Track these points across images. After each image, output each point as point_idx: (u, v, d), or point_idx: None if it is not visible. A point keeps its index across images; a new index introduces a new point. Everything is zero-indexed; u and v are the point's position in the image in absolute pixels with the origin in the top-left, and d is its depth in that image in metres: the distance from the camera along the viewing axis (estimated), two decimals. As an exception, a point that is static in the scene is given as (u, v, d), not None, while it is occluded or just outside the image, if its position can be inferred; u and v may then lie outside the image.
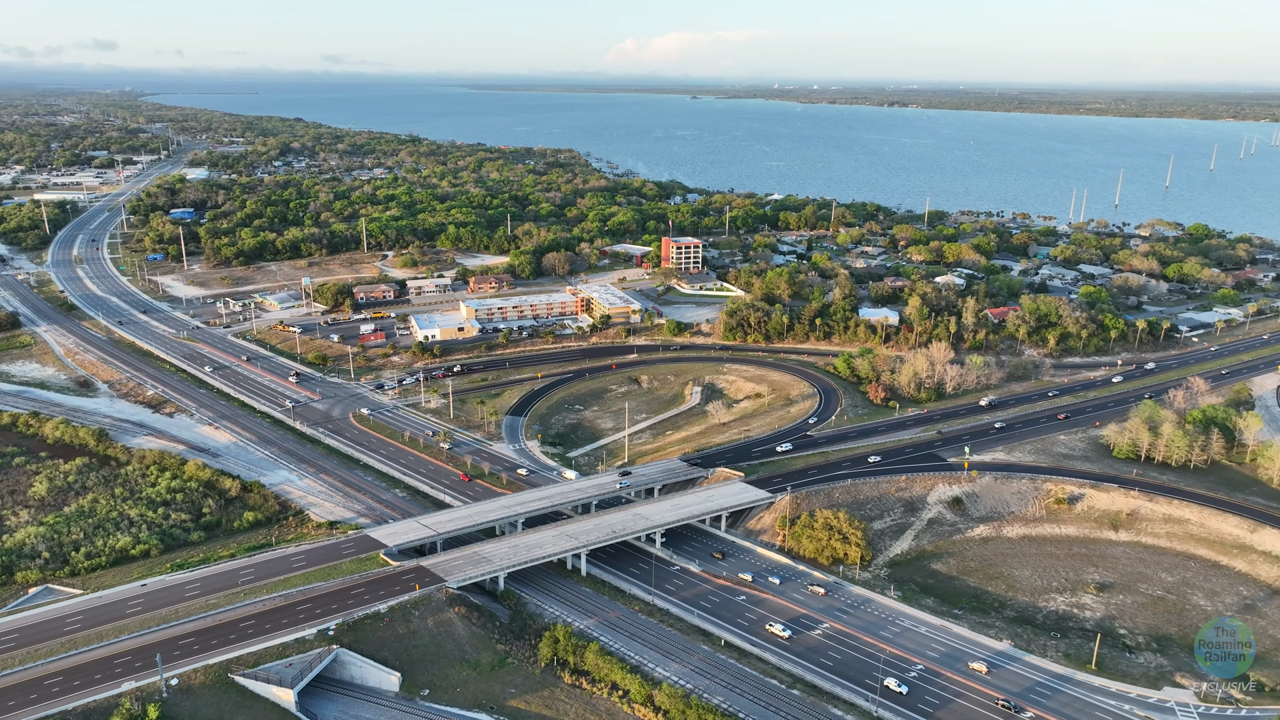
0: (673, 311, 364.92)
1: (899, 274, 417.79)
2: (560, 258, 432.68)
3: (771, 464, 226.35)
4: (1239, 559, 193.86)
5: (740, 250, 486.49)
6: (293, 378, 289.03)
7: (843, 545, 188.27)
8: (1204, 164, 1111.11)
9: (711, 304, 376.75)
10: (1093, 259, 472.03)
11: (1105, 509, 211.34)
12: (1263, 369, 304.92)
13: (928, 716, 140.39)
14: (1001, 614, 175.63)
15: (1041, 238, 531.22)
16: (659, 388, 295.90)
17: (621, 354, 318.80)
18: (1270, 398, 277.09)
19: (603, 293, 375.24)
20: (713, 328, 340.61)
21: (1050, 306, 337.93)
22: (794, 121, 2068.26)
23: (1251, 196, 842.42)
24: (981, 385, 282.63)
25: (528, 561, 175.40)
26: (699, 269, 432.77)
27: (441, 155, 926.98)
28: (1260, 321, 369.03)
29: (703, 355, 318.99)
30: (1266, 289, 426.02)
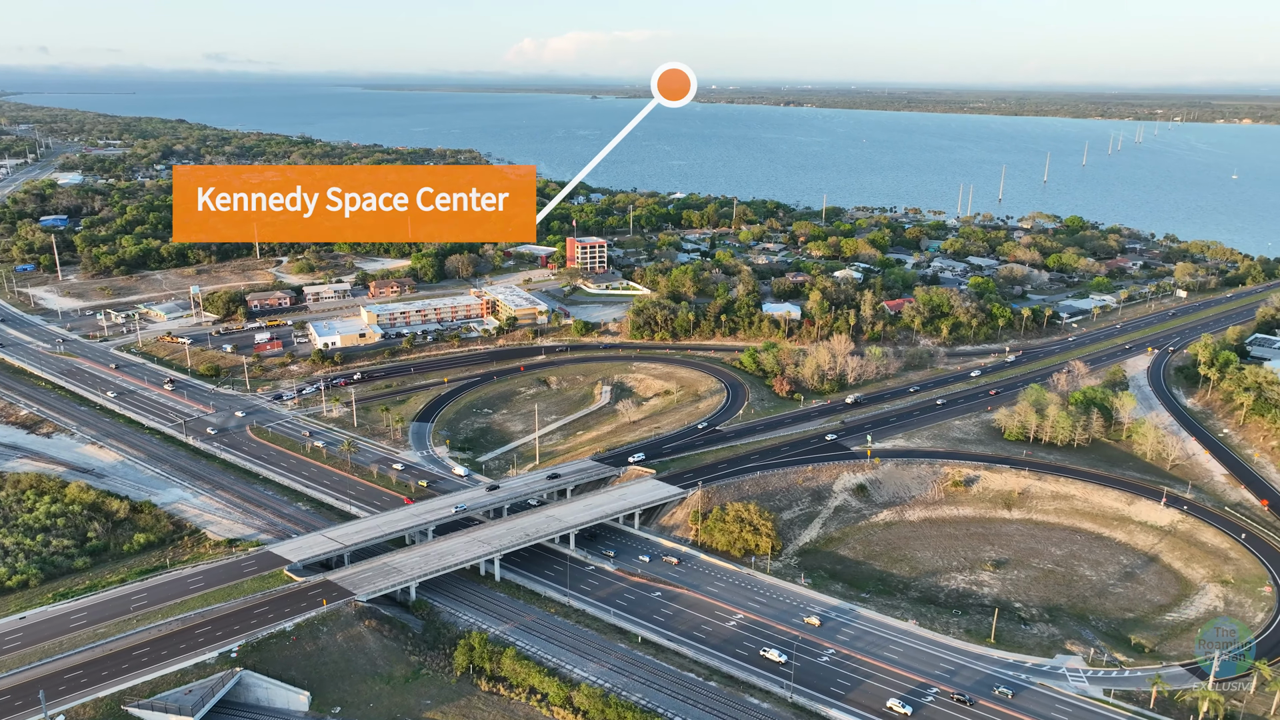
0: (579, 311, 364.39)
1: (800, 269, 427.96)
2: (464, 260, 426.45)
3: (682, 460, 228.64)
4: (1119, 530, 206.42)
5: (645, 249, 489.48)
6: (168, 385, 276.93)
7: (754, 536, 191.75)
8: (1077, 160, 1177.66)
9: (618, 303, 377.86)
10: (980, 251, 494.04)
11: (999, 489, 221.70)
12: (1134, 351, 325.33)
13: (839, 698, 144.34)
14: (906, 595, 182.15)
15: (932, 231, 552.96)
16: (568, 388, 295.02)
17: (529, 355, 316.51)
18: (1142, 377, 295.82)
19: (508, 294, 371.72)
20: (620, 327, 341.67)
21: (942, 297, 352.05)
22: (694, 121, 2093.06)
23: (1120, 190, 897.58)
24: (881, 375, 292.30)
25: (440, 570, 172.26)
26: (604, 268, 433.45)
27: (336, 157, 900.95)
28: (1131, 307, 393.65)
29: (611, 354, 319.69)
30: (1135, 276, 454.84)
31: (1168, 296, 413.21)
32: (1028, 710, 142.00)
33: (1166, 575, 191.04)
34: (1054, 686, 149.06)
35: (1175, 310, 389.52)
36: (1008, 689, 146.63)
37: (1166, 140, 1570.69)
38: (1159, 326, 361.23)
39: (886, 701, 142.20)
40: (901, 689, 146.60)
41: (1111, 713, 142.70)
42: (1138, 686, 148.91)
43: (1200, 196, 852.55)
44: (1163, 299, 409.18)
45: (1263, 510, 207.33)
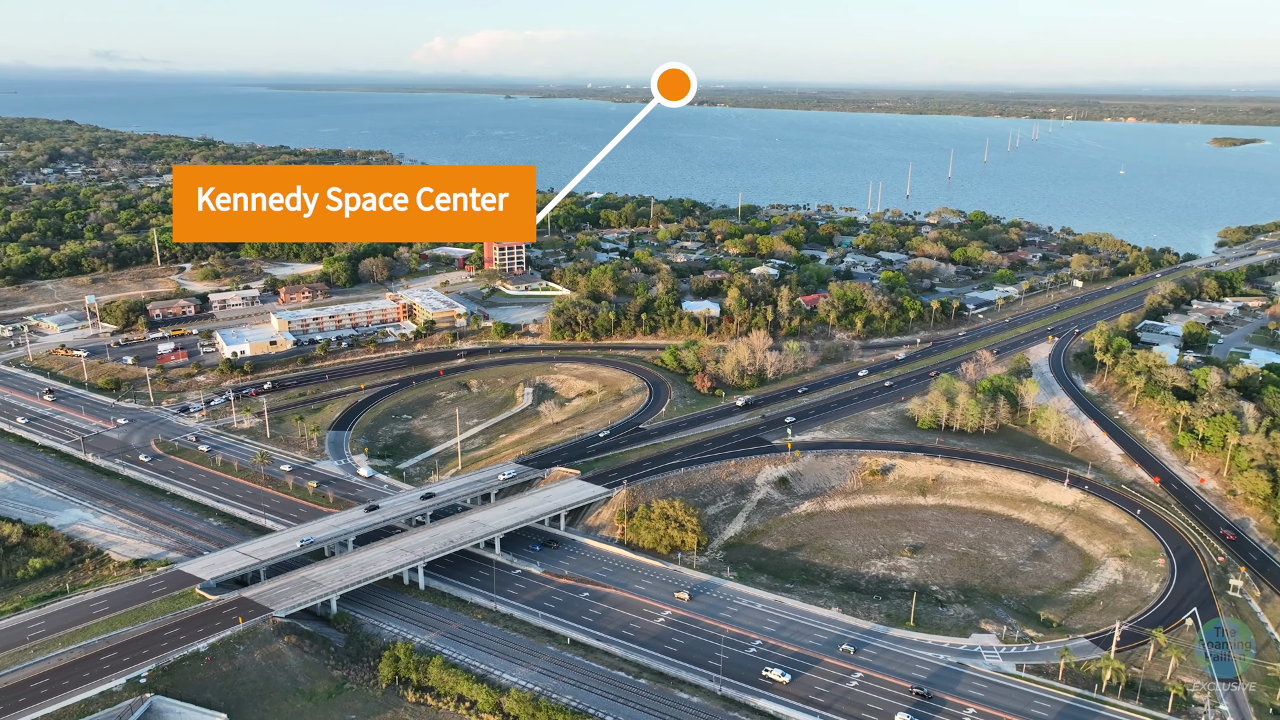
0: (499, 313, 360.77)
1: (717, 267, 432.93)
2: (378, 263, 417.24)
3: (607, 459, 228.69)
4: (1026, 511, 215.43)
5: (564, 249, 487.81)
6: (46, 395, 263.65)
7: (680, 533, 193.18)
8: (978, 157, 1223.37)
9: (538, 304, 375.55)
10: (890, 246, 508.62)
11: (914, 477, 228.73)
12: (1036, 339, 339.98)
13: (768, 688, 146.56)
14: (829, 583, 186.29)
15: (844, 228, 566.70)
16: (489, 391, 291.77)
17: (449, 359, 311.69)
18: (1044, 364, 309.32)
19: (425, 298, 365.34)
20: (540, 328, 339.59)
21: (856, 292, 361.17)
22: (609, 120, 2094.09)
23: (1019, 185, 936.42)
24: (799, 369, 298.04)
25: (361, 581, 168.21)
26: (523, 269, 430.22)
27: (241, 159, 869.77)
28: (1032, 297, 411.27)
29: (532, 356, 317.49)
30: (1035, 267, 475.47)
31: (1065, 286, 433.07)
32: (945, 688, 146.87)
33: (1071, 552, 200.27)
34: (970, 665, 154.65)
35: (1072, 299, 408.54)
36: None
37: (1060, 138, 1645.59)
38: (1058, 315, 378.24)
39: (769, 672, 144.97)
40: (828, 676, 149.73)
41: (1024, 687, 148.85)
42: (1047, 660, 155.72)
43: (1092, 191, 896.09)
44: (1061, 289, 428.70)
45: (1155, 487, 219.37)
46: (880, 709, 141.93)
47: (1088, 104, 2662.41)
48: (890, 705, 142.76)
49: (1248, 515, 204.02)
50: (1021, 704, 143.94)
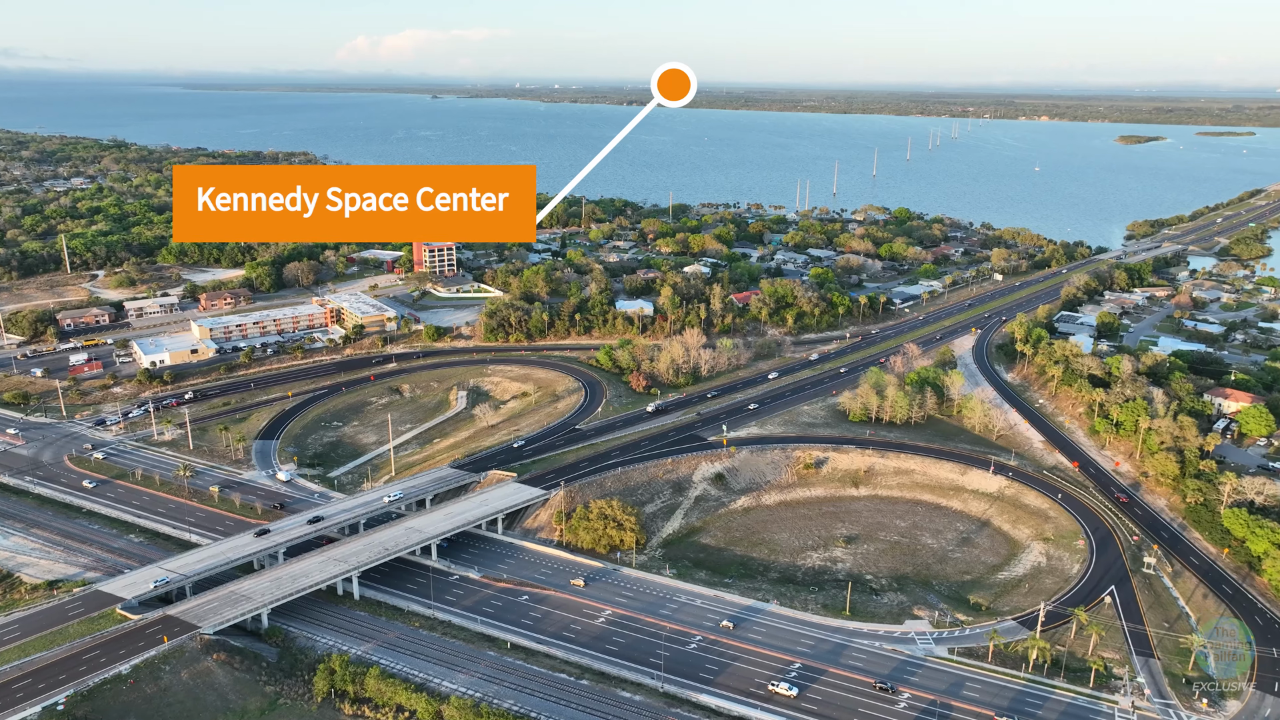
0: (430, 316, 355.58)
1: (650, 266, 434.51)
2: (304, 267, 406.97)
3: (543, 461, 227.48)
4: (954, 499, 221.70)
5: (495, 250, 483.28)
6: None
7: (618, 532, 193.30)
8: (902, 155, 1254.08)
9: (470, 306, 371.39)
10: (818, 243, 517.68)
11: (847, 469, 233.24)
12: (960, 332, 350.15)
13: (709, 683, 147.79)
14: (767, 576, 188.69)
15: (774, 226, 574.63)
16: (422, 395, 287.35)
17: (379, 364, 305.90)
18: (968, 356, 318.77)
19: (354, 301, 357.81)
20: (473, 330, 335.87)
21: (786, 289, 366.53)
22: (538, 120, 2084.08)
23: (941, 182, 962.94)
24: (733, 366, 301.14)
25: (293, 593, 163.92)
26: (454, 271, 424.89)
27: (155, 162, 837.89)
28: (955, 291, 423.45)
29: (465, 359, 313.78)
30: (958, 262, 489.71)
31: (986, 280, 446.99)
32: (881, 674, 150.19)
33: (997, 537, 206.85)
34: (904, 651, 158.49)
35: (993, 293, 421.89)
36: (730, 621, 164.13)
37: (979, 136, 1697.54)
38: (980, 308, 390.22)
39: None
40: (767, 668, 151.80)
41: (956, 670, 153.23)
42: (978, 643, 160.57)
43: (1009, 187, 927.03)
44: (982, 282, 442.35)
45: (1074, 471, 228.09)
46: (819, 698, 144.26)
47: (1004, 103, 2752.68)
48: (833, 695, 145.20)
49: (1159, 495, 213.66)
50: (954, 686, 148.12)
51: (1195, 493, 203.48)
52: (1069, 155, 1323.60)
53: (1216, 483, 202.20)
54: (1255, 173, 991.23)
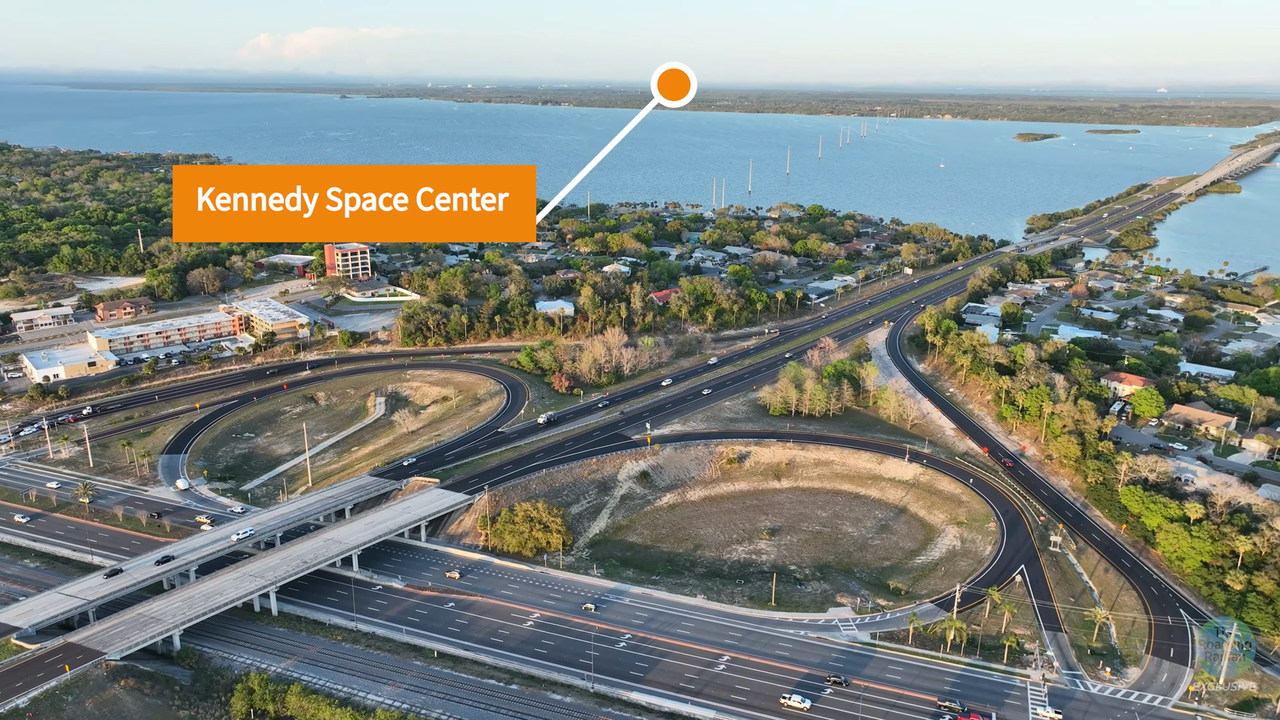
0: (345, 321, 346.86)
1: (569, 266, 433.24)
2: (209, 274, 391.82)
3: (466, 465, 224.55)
4: (872, 488, 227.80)
5: (411, 252, 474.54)
6: None
7: (544, 534, 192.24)
8: (814, 153, 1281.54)
9: (386, 310, 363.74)
10: (735, 241, 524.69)
11: (769, 462, 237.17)
12: (874, 325, 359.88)
13: (639, 680, 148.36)
14: (693, 572, 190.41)
15: (691, 224, 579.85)
16: (339, 403, 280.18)
17: (293, 372, 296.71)
18: (882, 349, 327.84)
19: (264, 308, 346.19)
20: (390, 334, 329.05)
21: (705, 286, 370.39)
22: (451, 121, 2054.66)
23: (852, 179, 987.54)
24: (655, 364, 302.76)
25: (207, 612, 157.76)
26: (369, 275, 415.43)
27: (42, 165, 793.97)
28: (868, 285, 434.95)
29: (383, 364, 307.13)
30: (870, 257, 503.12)
31: (897, 274, 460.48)
32: (806, 663, 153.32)
33: (914, 523, 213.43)
34: (828, 638, 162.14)
35: (904, 286, 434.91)
36: (593, 604, 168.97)
37: (886, 134, 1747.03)
38: (892, 301, 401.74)
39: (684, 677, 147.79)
40: (697, 663, 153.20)
41: (877, 653, 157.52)
42: (898, 626, 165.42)
43: (916, 184, 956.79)
44: (893, 277, 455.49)
45: (984, 456, 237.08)
46: (747, 689, 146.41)
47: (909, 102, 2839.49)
48: (761, 686, 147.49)
49: (1063, 476, 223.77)
50: (877, 670, 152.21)
51: (1095, 473, 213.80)
52: (971, 152, 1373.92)
53: (1114, 462, 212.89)
54: (1140, 168, 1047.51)
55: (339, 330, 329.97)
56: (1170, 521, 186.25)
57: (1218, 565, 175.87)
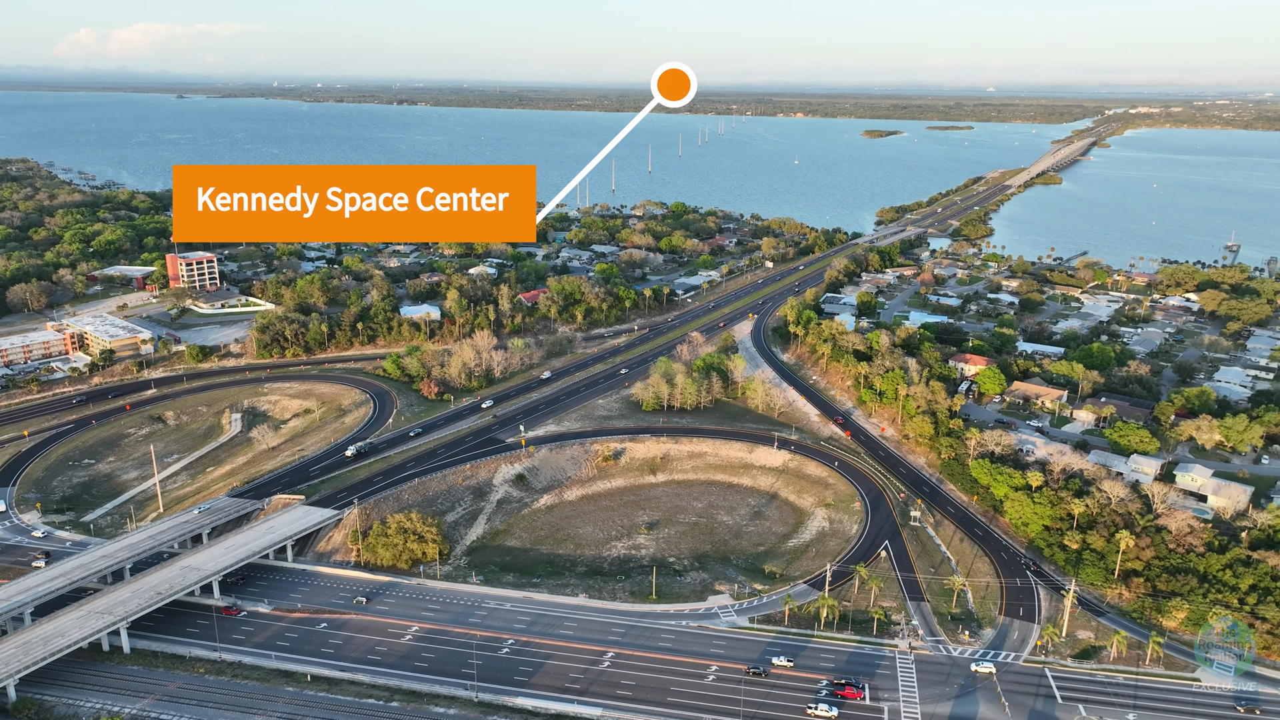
0: (193, 335, 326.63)
1: (434, 269, 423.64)
2: (33, 289, 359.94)
3: (333, 479, 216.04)
4: (745, 476, 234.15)
5: (263, 260, 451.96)
6: None
7: (420, 545, 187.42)
8: (674, 151, 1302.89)
9: (239, 321, 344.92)
10: (601, 239, 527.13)
11: (644, 457, 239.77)
12: (739, 318, 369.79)
13: (524, 685, 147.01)
14: (574, 571, 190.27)
15: (557, 224, 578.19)
16: (190, 422, 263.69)
17: (136, 391, 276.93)
18: (748, 340, 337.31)
19: (100, 324, 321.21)
20: (244, 347, 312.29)
21: (573, 285, 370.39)
22: (301, 121, 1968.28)
23: (712, 177, 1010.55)
24: (526, 366, 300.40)
25: (46, 657, 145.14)
26: (217, 285, 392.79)
27: None
28: (732, 280, 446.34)
29: (238, 378, 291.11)
30: (732, 252, 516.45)
31: (759, 268, 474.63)
32: (690, 651, 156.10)
33: (785, 508, 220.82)
34: (709, 626, 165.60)
35: (766, 279, 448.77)
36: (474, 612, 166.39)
37: (743, 132, 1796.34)
38: (755, 294, 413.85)
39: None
40: (581, 662, 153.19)
41: (757, 637, 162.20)
42: (775, 609, 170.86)
43: (773, 180, 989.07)
44: (755, 270, 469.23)
45: (847, 440, 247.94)
46: (633, 683, 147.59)
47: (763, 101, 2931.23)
48: (646, 679, 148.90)
49: (919, 454, 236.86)
50: (756, 653, 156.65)
51: (948, 449, 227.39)
52: (823, 149, 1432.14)
53: (964, 439, 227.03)
54: (975, 162, 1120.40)
55: (186, 345, 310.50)
56: (1015, 490, 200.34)
57: (1057, 528, 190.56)
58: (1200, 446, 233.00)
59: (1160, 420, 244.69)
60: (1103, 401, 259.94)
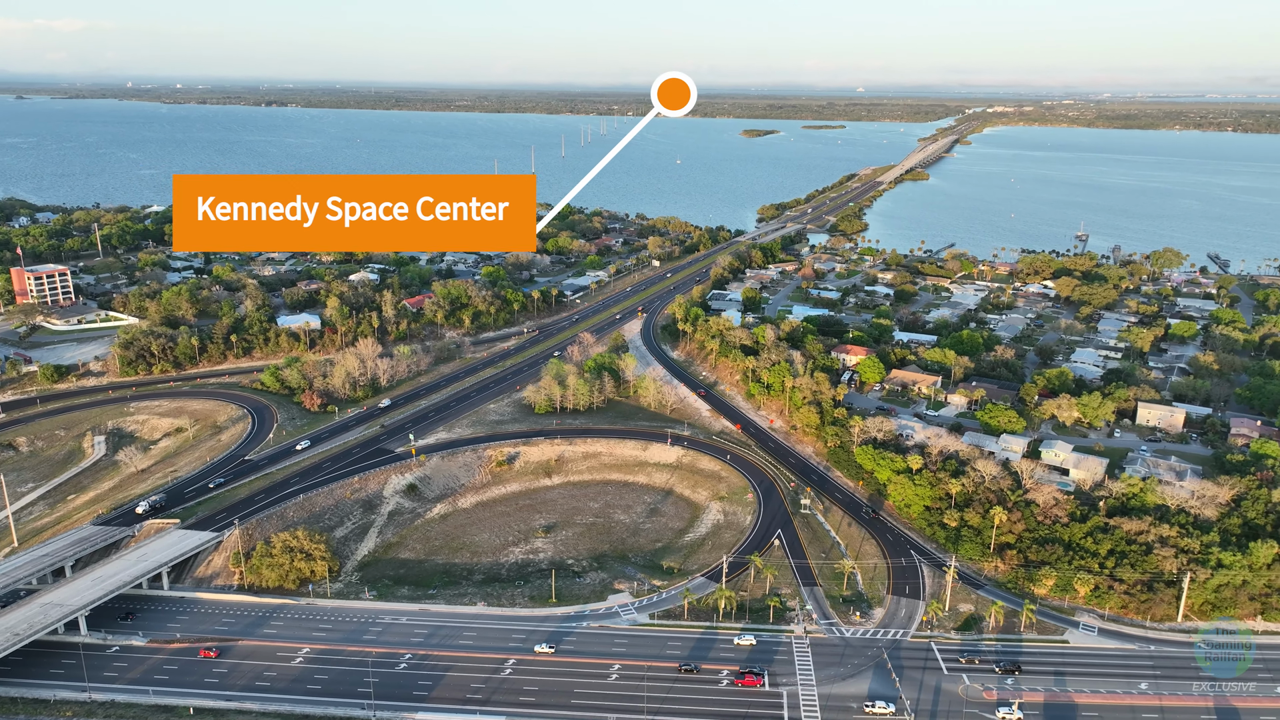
0: (47, 354, 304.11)
1: (312, 277, 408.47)
2: None
3: (211, 500, 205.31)
4: (640, 474, 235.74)
5: (124, 272, 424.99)
6: None
7: (307, 563, 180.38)
8: (557, 152, 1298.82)
9: (99, 338, 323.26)
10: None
11: (538, 460, 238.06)
12: (629, 317, 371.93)
13: (423, 700, 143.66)
14: (472, 580, 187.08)
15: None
16: (46, 448, 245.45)
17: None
18: (638, 339, 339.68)
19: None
20: (106, 364, 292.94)
21: (460, 289, 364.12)
22: (161, 124, 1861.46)
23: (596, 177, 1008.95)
24: (413, 373, 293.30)
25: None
26: (72, 300, 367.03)
27: None
28: (620, 279, 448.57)
29: (99, 398, 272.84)
30: (619, 251, 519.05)
31: (646, 267, 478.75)
32: (592, 652, 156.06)
33: (681, 503, 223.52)
34: (611, 625, 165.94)
35: (653, 278, 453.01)
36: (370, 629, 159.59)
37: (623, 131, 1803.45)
38: (643, 293, 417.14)
39: None
40: (482, 671, 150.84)
41: (657, 632, 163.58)
42: (674, 603, 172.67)
43: (657, 179, 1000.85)
44: (643, 269, 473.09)
45: (737, 433, 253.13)
46: (536, 688, 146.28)
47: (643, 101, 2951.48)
48: (549, 683, 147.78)
49: (806, 443, 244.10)
50: (658, 648, 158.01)
51: (834, 437, 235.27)
52: (704, 148, 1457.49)
53: (848, 426, 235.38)
54: (849, 160, 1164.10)
55: (39, 364, 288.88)
56: (897, 474, 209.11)
57: (937, 507, 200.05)
58: (1061, 424, 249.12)
59: (1025, 401, 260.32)
60: (973, 385, 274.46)
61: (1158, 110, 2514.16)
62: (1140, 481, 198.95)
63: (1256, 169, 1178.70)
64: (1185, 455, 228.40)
